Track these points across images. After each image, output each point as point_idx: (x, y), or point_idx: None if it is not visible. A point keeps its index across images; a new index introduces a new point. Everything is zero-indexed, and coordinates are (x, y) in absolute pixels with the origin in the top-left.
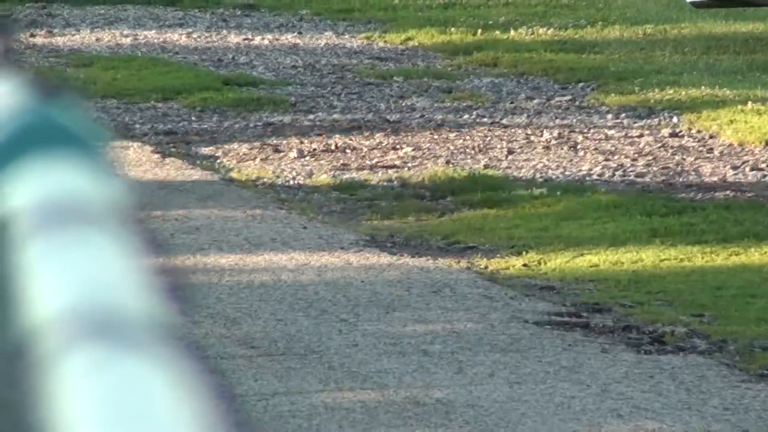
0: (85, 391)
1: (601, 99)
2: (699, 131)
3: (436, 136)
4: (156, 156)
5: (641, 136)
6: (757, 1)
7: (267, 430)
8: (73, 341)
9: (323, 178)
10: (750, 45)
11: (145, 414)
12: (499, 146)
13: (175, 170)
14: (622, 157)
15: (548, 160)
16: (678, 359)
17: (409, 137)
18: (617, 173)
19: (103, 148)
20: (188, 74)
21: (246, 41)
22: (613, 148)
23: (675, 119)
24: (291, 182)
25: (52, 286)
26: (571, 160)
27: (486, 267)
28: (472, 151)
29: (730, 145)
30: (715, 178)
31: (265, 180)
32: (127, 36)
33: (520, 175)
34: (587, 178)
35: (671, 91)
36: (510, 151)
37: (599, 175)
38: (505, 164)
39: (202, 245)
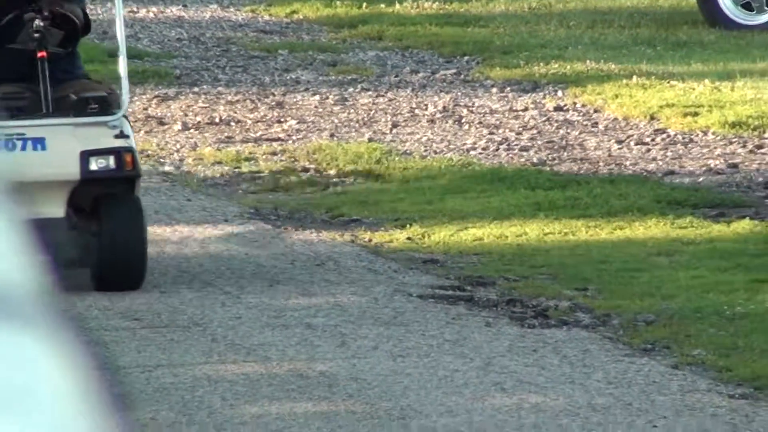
0: None
1: (486, 73)
2: (584, 105)
3: (320, 109)
4: None
5: (526, 110)
6: None
7: (149, 402)
8: None
9: (207, 150)
10: (635, 19)
11: (26, 386)
12: (383, 119)
13: None
14: (507, 130)
15: (433, 133)
16: (562, 333)
17: (294, 110)
18: (501, 147)
19: None
20: None
21: (131, 14)
22: (498, 122)
23: (560, 93)
24: (175, 154)
25: None
26: (455, 134)
27: (370, 240)
28: (357, 125)
29: (615, 119)
30: (599, 152)
31: (149, 152)
32: None
33: (405, 148)
34: (471, 152)
35: (556, 65)
36: (394, 125)
37: (483, 149)
38: (389, 137)
39: None
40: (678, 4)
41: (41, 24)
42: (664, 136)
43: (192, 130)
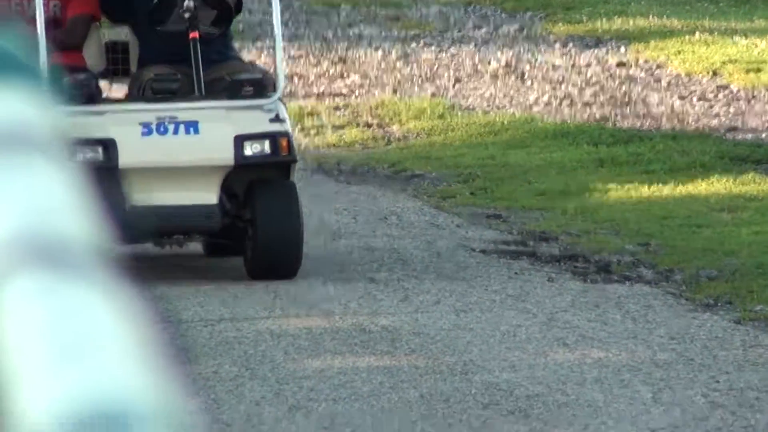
0: (28, 317)
1: (549, 28)
2: (646, 61)
3: (383, 65)
4: (103, 82)
5: (588, 65)
6: None
7: (212, 356)
8: (17, 267)
9: None
10: None
11: (88, 339)
12: (446, 75)
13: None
14: (570, 86)
15: (495, 89)
16: (624, 288)
17: (357, 66)
18: (564, 102)
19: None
20: None
21: None
22: (561, 78)
23: (622, 49)
24: None
25: None
26: (518, 90)
27: (433, 195)
28: (420, 80)
29: (678, 75)
30: (662, 108)
31: None
32: None
33: (468, 103)
34: (534, 108)
35: (619, 21)
36: (457, 80)
37: (546, 104)
38: (452, 93)
39: None
40: None
41: (192, 4)
42: (727, 92)
43: None
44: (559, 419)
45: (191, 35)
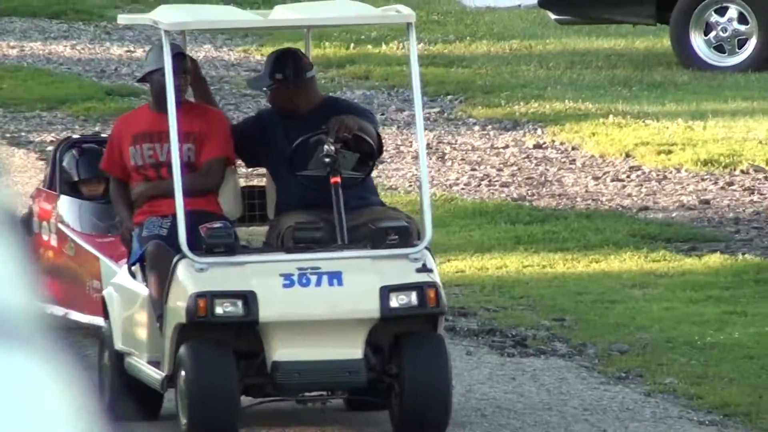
0: None
1: (469, 111)
2: (562, 143)
3: None
4: (41, 163)
5: (506, 147)
6: (618, 19)
7: (146, 426)
8: None
9: None
10: (612, 60)
11: (29, 407)
12: None
13: None
14: (488, 167)
15: (417, 169)
16: (539, 362)
17: None
18: (483, 183)
19: None
20: (72, 84)
21: (128, 53)
22: (480, 159)
23: (539, 131)
24: None
25: None
26: (439, 170)
27: None
28: None
29: (592, 156)
30: (576, 188)
31: None
32: (13, 47)
33: (390, 183)
34: (454, 187)
35: (536, 105)
36: (380, 161)
37: (466, 185)
38: (375, 173)
39: None
40: (653, 46)
41: (333, 148)
42: (639, 173)
43: None
44: None
45: (332, 180)
